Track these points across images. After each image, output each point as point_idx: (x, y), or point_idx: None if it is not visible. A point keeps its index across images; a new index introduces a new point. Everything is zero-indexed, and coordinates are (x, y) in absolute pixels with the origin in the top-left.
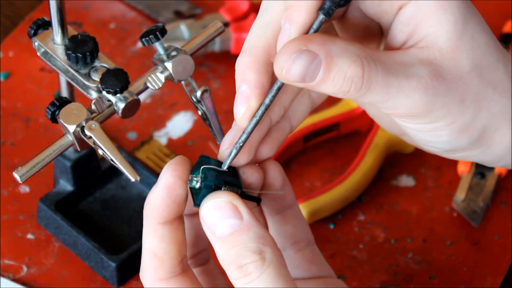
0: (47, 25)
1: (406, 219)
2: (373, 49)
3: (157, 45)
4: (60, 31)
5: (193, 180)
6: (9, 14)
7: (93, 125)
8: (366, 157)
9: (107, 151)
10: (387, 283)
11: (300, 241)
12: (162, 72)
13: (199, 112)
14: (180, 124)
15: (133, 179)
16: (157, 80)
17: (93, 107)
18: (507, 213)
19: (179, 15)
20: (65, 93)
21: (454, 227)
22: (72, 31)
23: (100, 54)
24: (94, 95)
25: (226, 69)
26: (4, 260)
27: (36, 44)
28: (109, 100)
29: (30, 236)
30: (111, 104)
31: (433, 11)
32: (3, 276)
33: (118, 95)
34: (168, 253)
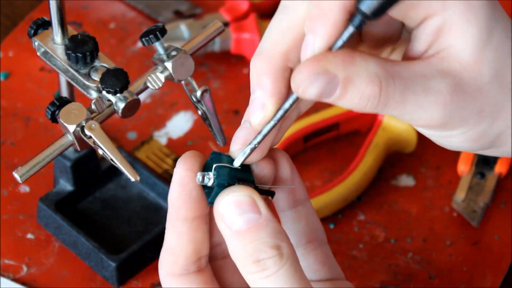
0: (47, 25)
1: (406, 219)
2: (390, 53)
3: (157, 45)
4: (60, 31)
5: (206, 178)
6: (9, 14)
7: (93, 125)
8: (366, 157)
9: (107, 151)
10: (387, 283)
11: (314, 240)
12: (162, 72)
13: (199, 112)
14: (180, 124)
15: (133, 179)
16: (157, 80)
17: (93, 107)
18: (507, 213)
19: (179, 15)
20: (65, 93)
21: (454, 227)
22: (72, 31)
23: (100, 54)
24: (94, 95)
25: (226, 69)
26: (4, 260)
27: (36, 44)
28: (109, 100)
29: (30, 236)
30: (111, 104)
31: (458, 23)
32: (3, 276)
33: (118, 95)
34: (183, 251)
